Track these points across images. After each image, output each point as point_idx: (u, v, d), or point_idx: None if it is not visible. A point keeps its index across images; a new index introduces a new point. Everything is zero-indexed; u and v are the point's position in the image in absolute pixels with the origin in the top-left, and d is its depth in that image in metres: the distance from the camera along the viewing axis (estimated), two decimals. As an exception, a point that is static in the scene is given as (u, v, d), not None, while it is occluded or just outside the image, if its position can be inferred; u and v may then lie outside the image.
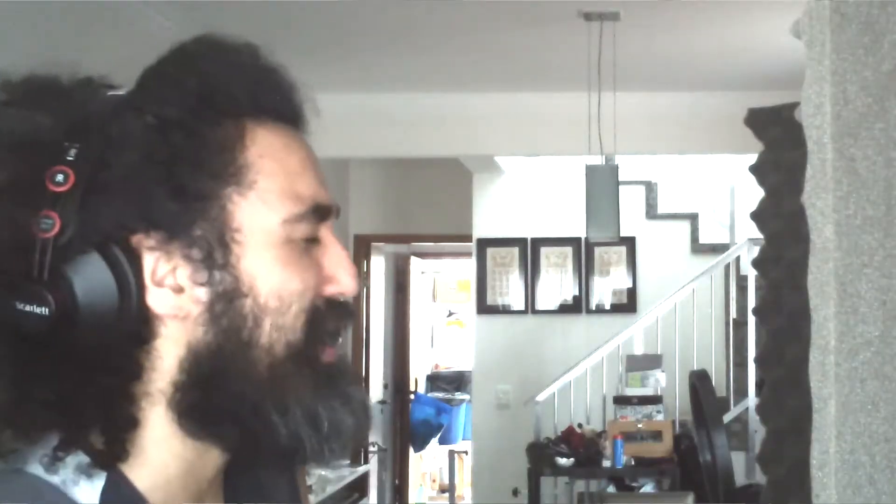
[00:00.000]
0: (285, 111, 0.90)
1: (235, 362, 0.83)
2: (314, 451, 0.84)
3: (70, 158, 0.80)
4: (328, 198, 0.89)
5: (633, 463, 5.56)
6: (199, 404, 0.83)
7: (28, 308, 0.79)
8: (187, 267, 0.82)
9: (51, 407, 0.79)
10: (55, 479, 0.80)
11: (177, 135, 0.82)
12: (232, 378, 0.83)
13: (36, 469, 0.80)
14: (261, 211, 0.84)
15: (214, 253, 0.83)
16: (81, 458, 0.80)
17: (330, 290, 0.87)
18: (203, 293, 0.83)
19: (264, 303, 0.83)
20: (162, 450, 0.84)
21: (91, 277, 0.80)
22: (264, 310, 0.83)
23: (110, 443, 0.81)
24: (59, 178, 0.80)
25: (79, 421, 0.79)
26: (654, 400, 5.85)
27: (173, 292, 0.82)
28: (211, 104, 0.84)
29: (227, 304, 0.83)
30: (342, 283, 0.87)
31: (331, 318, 0.87)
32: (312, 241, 0.87)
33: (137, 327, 0.82)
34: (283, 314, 0.84)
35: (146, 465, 0.83)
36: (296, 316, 0.84)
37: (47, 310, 0.78)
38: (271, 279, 0.83)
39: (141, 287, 0.81)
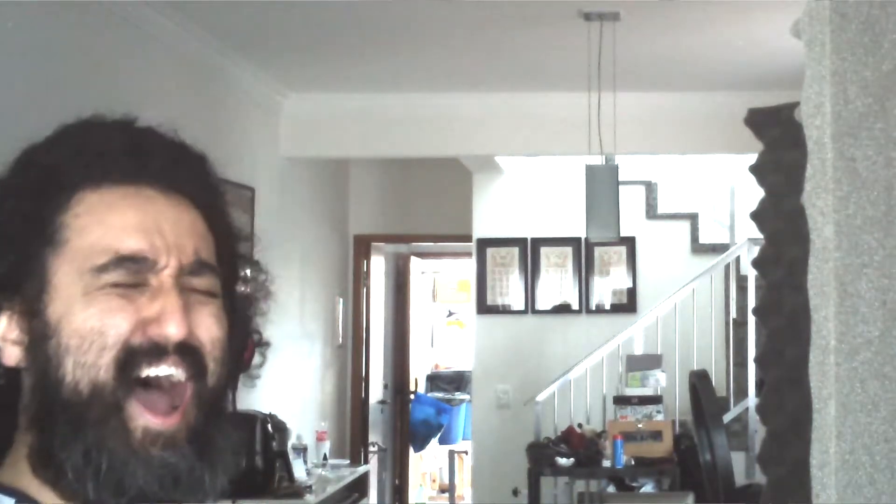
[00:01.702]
0: (137, 173, 0.95)
1: (52, 402, 0.90)
2: (98, 497, 0.89)
3: None
4: (150, 250, 0.92)
5: (633, 463, 5.56)
6: (34, 442, 0.91)
7: None
8: (23, 321, 0.93)
9: None
10: None
11: (9, 204, 0.94)
12: (51, 418, 0.90)
13: None
14: (70, 264, 0.92)
15: (35, 305, 0.92)
16: None
17: (152, 331, 0.91)
18: (27, 341, 0.92)
19: (66, 342, 0.90)
20: (32, 480, 0.92)
21: None
22: (66, 349, 0.90)
23: None
24: None
25: None
26: (654, 400, 5.84)
27: (15, 346, 0.93)
28: (46, 180, 0.94)
29: (38, 347, 0.91)
30: (163, 326, 0.91)
31: (147, 359, 0.90)
32: (137, 287, 0.92)
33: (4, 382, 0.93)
34: (84, 352, 0.89)
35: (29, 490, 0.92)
36: (97, 353, 0.89)
37: None
38: (73, 320, 0.90)
39: None
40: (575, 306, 7.43)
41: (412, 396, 9.56)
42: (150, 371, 0.90)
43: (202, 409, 0.92)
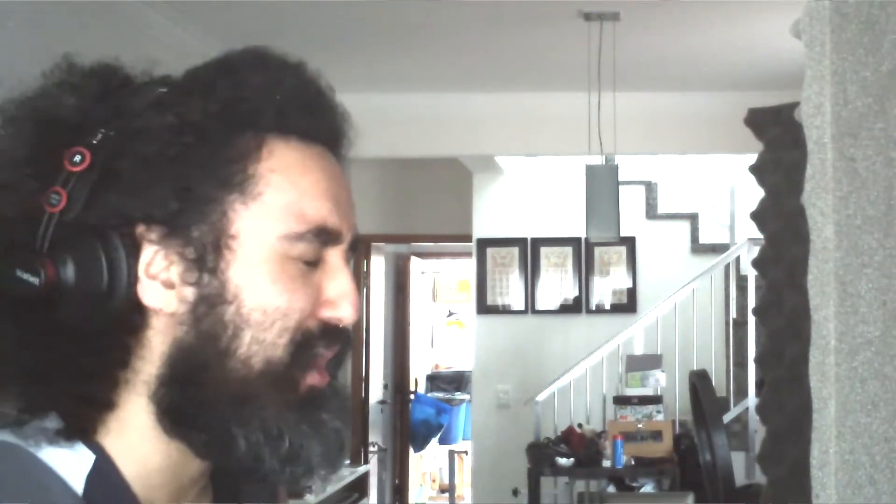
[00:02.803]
0: (316, 131, 0.90)
1: (211, 368, 0.83)
2: (273, 471, 0.84)
3: (94, 142, 0.83)
4: (339, 223, 0.88)
5: (633, 463, 5.56)
6: (176, 402, 0.83)
7: (24, 276, 0.81)
8: (180, 265, 0.84)
9: (28, 375, 0.81)
10: (34, 450, 0.81)
11: (192, 137, 0.84)
12: (207, 383, 0.83)
13: (7, 436, 0.82)
14: (260, 223, 0.84)
15: (207, 256, 0.83)
16: (52, 424, 0.82)
17: (326, 314, 0.87)
18: (190, 293, 0.84)
19: (247, 314, 0.83)
20: (143, 440, 0.85)
21: (86, 258, 0.82)
22: (246, 321, 0.83)
23: (81, 417, 0.83)
24: (77, 158, 0.83)
25: (50, 392, 0.82)
26: (654, 400, 5.84)
27: (164, 287, 0.84)
28: (235, 114, 0.85)
29: (210, 308, 0.83)
30: (340, 310, 0.87)
31: (322, 343, 0.86)
32: (315, 264, 0.87)
33: (126, 314, 0.83)
34: (265, 329, 0.83)
35: (127, 454, 0.84)
36: (278, 334, 0.84)
37: (37, 280, 0.81)
38: (258, 292, 0.84)
39: (133, 276, 0.83)
40: (575, 306, 7.43)
41: (412, 396, 9.57)
42: (325, 353, 0.87)
43: (336, 373, 0.90)
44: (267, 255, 0.84)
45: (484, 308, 7.48)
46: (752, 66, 5.50)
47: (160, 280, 0.84)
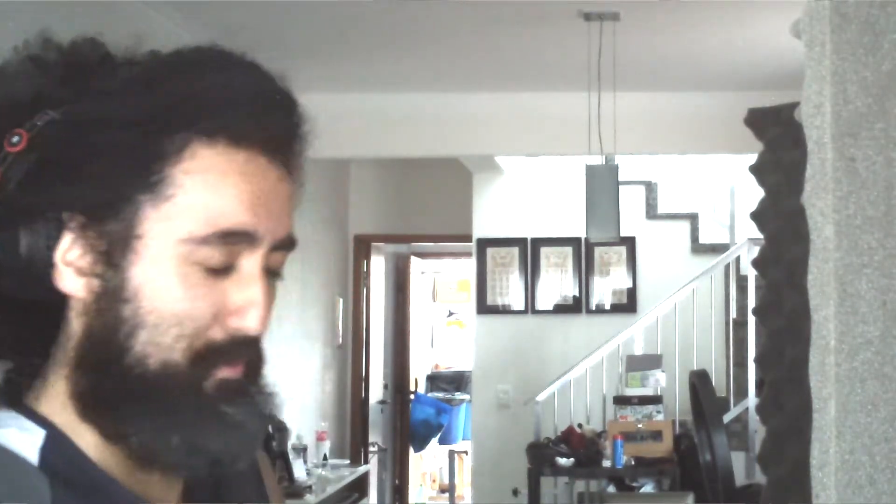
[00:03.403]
0: (253, 135, 0.88)
1: (109, 360, 0.85)
2: (172, 464, 0.86)
3: (38, 124, 0.85)
4: (255, 227, 0.86)
5: (633, 463, 5.56)
6: (82, 387, 0.86)
7: None
8: (91, 256, 0.85)
9: None
10: None
11: (124, 133, 0.84)
12: (105, 374, 0.85)
13: None
14: (166, 225, 0.85)
15: (114, 252, 0.85)
16: None
17: (233, 324, 0.86)
18: (96, 285, 0.86)
19: (144, 315, 0.84)
20: (70, 418, 0.87)
21: (8, 237, 0.86)
22: (142, 322, 0.84)
23: (13, 384, 0.88)
24: (15, 139, 0.85)
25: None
26: (654, 400, 5.84)
27: (77, 274, 0.86)
28: (169, 114, 0.85)
29: (111, 303, 0.85)
30: (246, 319, 0.87)
31: (226, 355, 0.86)
32: (226, 271, 0.86)
33: (51, 292, 0.87)
34: (160, 333, 0.84)
35: (70, 427, 0.87)
36: (175, 339, 0.84)
37: None
38: (156, 295, 0.84)
39: (51, 259, 0.86)
40: (575, 306, 7.43)
41: (412, 396, 9.57)
42: (226, 373, 0.87)
43: (254, 375, 0.91)
44: (169, 258, 0.85)
45: (484, 308, 7.48)
46: (752, 66, 5.50)
47: (74, 267, 0.86)
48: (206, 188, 0.85)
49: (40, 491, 0.82)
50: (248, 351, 0.88)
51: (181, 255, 0.85)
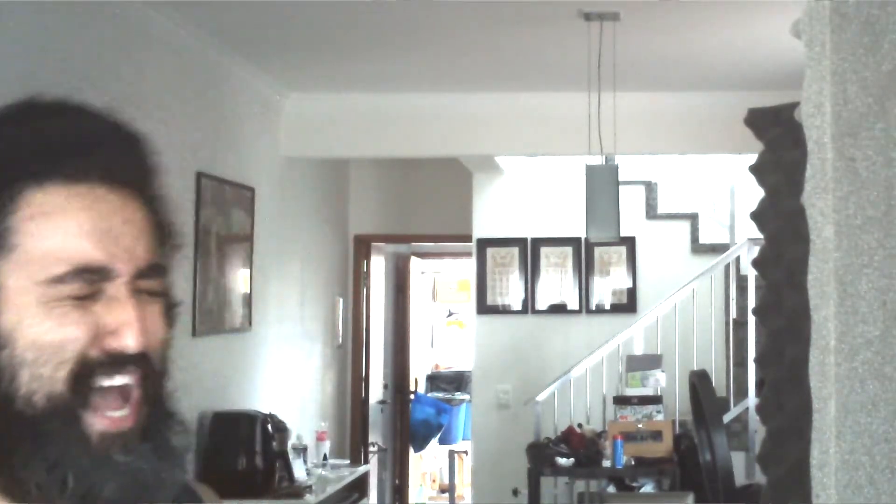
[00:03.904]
0: (86, 170, 0.90)
1: (1, 413, 0.86)
2: None
3: None
4: (108, 259, 0.89)
5: (633, 463, 5.56)
6: None
7: None
8: None
9: None
10: None
11: None
12: (2, 423, 0.87)
13: None
14: (22, 272, 0.87)
15: None
16: None
17: (112, 344, 0.88)
18: None
19: (21, 354, 0.86)
20: None
21: None
22: (21, 361, 0.86)
23: None
24: None
25: None
26: (654, 400, 5.84)
27: None
28: None
29: None
30: (122, 339, 0.88)
31: (107, 371, 0.88)
32: (93, 296, 0.88)
33: None
34: (41, 365, 0.86)
35: None
36: (55, 367, 0.86)
37: None
38: (30, 332, 0.86)
39: None
40: (575, 306, 7.43)
41: (412, 396, 9.57)
42: (106, 382, 0.88)
43: (152, 409, 0.91)
44: (33, 301, 0.87)
45: (484, 308, 7.48)
46: (752, 66, 5.50)
47: None
48: (51, 230, 0.88)
49: None
50: (131, 367, 0.89)
51: (44, 294, 0.87)
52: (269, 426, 5.13)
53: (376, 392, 8.69)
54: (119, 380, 0.88)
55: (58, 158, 0.89)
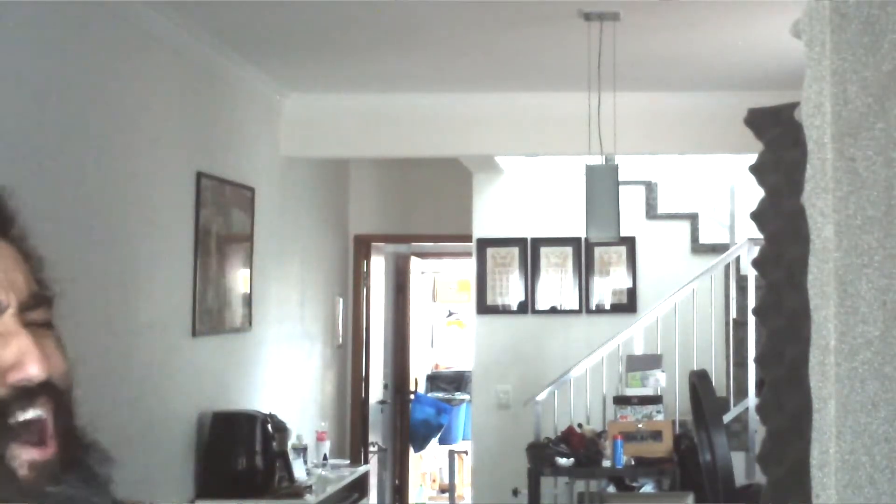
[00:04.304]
0: None
1: None
2: None
3: None
4: None
5: (633, 463, 5.56)
6: None
7: None
8: None
9: None
10: None
11: None
12: None
13: None
14: None
15: None
16: None
17: (16, 377, 0.88)
18: None
19: None
20: None
21: None
22: None
23: None
24: None
25: None
26: (654, 400, 5.84)
27: None
28: None
29: None
30: (25, 370, 0.88)
31: (19, 406, 0.87)
32: None
33: None
34: None
35: None
36: None
37: None
38: None
39: None
40: (575, 306, 7.43)
41: (412, 396, 9.57)
42: (22, 417, 0.87)
43: (70, 438, 0.91)
44: None
45: (484, 308, 7.48)
46: (752, 66, 5.50)
47: None
48: None
49: None
50: (42, 398, 0.89)
51: None
52: (269, 426, 5.13)
53: (376, 392, 8.69)
54: (32, 412, 0.88)
55: None
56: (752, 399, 6.43)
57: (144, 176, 4.54)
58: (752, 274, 6.49)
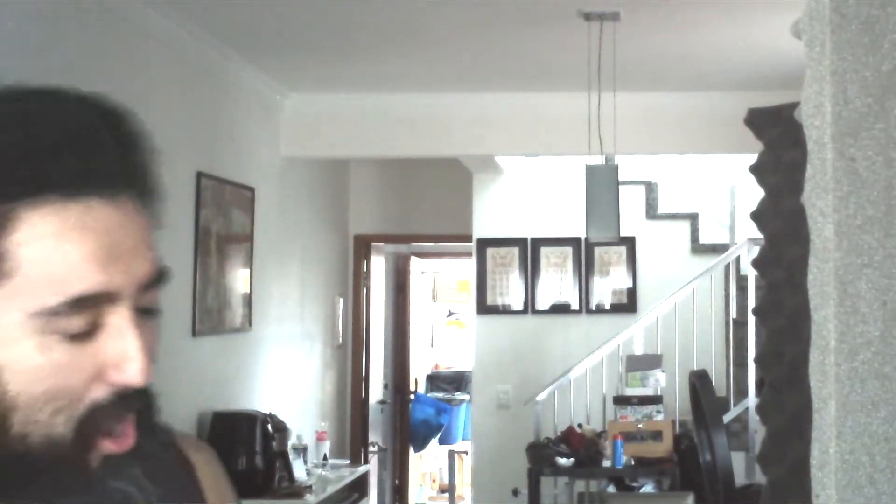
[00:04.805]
0: (87, 180, 0.80)
1: None
2: None
3: None
4: (111, 283, 0.80)
5: (633, 463, 5.56)
6: None
7: None
8: None
9: None
10: None
11: None
12: None
13: None
14: (13, 302, 0.79)
15: None
16: None
17: (115, 378, 0.82)
18: None
19: (14, 397, 0.79)
20: None
21: None
22: (13, 404, 0.79)
23: None
24: None
25: None
26: (654, 400, 5.84)
27: None
28: None
29: None
30: (127, 374, 0.81)
31: (115, 409, 0.82)
32: (91, 332, 0.80)
33: None
34: (37, 411, 0.79)
35: None
36: (52, 414, 0.80)
37: None
38: (20, 376, 0.79)
39: None
40: (575, 306, 7.43)
41: (412, 396, 9.57)
42: (111, 447, 0.82)
43: (147, 433, 0.86)
44: (24, 335, 0.79)
45: (484, 308, 7.48)
46: (752, 66, 5.50)
47: None
48: (46, 255, 0.78)
49: None
50: (136, 403, 0.83)
51: (36, 329, 0.79)
52: (269, 426, 5.13)
53: (376, 392, 8.69)
54: (125, 413, 0.83)
55: (56, 170, 0.79)
56: (752, 399, 6.43)
57: (144, 176, 4.53)
58: (752, 274, 6.49)
